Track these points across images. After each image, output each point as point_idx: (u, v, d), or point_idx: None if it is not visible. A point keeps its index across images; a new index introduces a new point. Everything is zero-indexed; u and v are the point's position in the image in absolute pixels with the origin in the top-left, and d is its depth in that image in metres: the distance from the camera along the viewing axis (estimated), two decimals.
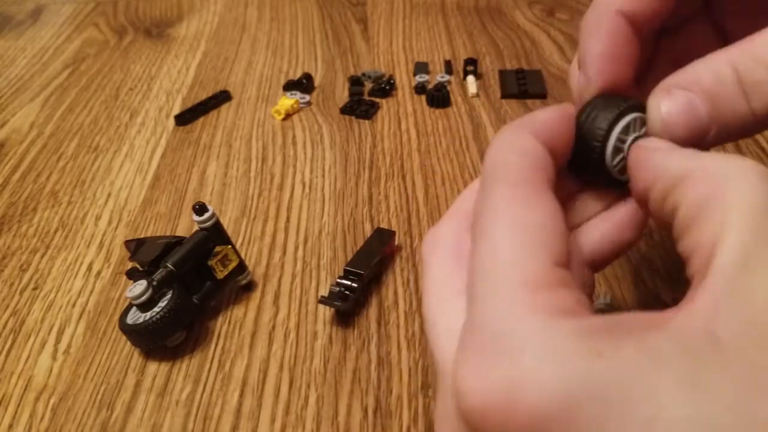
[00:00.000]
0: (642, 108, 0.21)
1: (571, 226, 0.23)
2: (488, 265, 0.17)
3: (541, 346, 0.15)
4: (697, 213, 0.17)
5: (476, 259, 0.18)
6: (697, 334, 0.14)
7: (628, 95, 0.22)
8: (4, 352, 0.35)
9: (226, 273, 0.35)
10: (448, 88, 0.55)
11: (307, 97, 0.55)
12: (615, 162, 0.21)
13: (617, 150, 0.21)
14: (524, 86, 0.54)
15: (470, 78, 0.55)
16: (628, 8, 0.22)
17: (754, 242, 0.15)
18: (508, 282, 0.17)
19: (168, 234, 0.42)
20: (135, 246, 0.37)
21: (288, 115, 0.53)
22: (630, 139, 0.21)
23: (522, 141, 0.20)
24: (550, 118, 0.21)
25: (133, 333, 0.33)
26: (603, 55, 0.22)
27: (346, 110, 0.53)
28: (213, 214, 0.35)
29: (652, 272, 0.36)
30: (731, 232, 0.15)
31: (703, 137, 0.20)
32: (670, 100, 0.21)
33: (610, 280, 0.36)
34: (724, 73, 0.20)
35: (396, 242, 0.39)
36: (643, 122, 0.21)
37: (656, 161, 0.19)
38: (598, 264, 0.23)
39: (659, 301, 0.34)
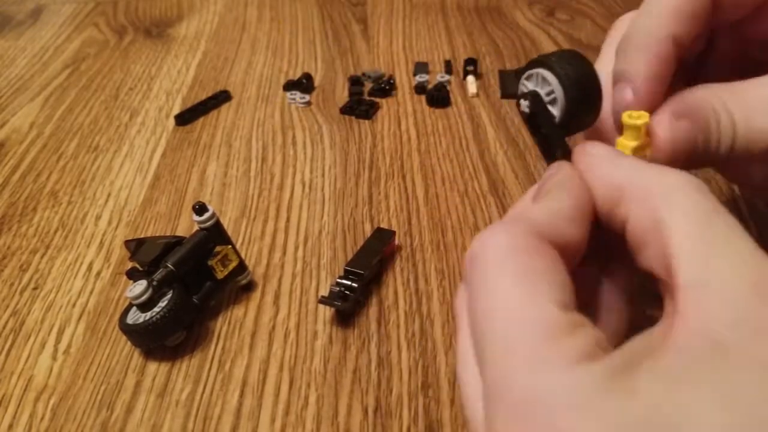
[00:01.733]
0: (548, 66, 0.23)
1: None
2: (497, 320, 0.17)
3: (573, 399, 0.15)
4: (645, 235, 0.18)
5: (481, 314, 0.17)
6: (699, 344, 0.15)
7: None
8: (4, 352, 0.35)
9: (226, 273, 0.35)
10: (448, 88, 0.55)
11: (307, 97, 0.55)
12: (523, 102, 0.24)
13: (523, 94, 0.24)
14: None
15: (470, 78, 0.55)
16: (677, 33, 0.24)
17: (704, 254, 0.16)
18: (522, 336, 0.16)
19: (168, 234, 0.42)
20: (135, 246, 0.37)
21: None
22: (530, 87, 0.24)
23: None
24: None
25: (133, 333, 0.33)
26: (654, 77, 0.24)
27: (346, 110, 0.53)
28: (213, 214, 0.35)
29: None
30: (682, 254, 0.17)
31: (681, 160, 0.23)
32: (674, 126, 0.23)
33: None
34: (717, 111, 0.22)
35: (396, 242, 0.39)
36: (543, 78, 0.23)
37: (602, 170, 0.20)
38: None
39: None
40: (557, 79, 0.22)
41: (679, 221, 0.17)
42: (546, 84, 0.23)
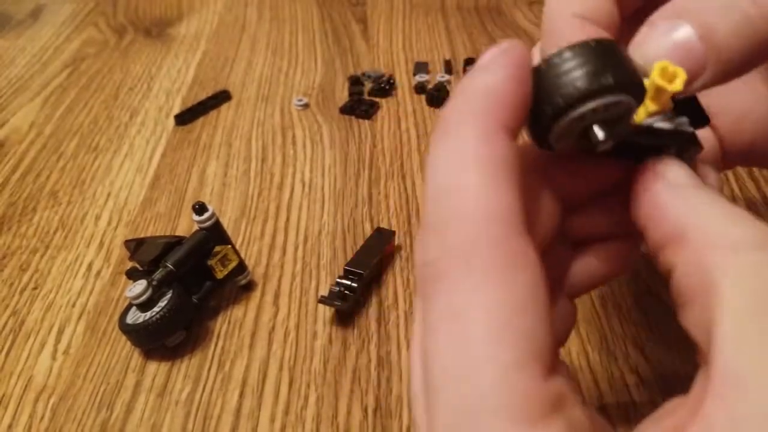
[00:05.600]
0: (630, 89, 0.16)
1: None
2: (458, 377, 0.13)
3: None
4: (691, 294, 0.15)
5: (437, 361, 0.14)
6: None
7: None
8: (4, 352, 0.35)
9: (225, 273, 0.35)
10: (448, 88, 0.55)
11: (304, 100, 0.55)
12: (559, 127, 0.17)
13: (578, 120, 0.16)
14: None
15: None
16: None
17: (755, 344, 0.13)
18: (489, 414, 0.13)
19: (168, 234, 0.42)
20: (135, 246, 0.37)
21: None
22: (599, 120, 0.17)
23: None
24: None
25: (132, 333, 0.33)
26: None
27: (345, 110, 0.53)
28: (213, 214, 0.35)
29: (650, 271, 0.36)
30: (728, 336, 0.14)
31: (696, 77, 0.17)
32: (673, 32, 0.17)
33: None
34: None
35: (396, 242, 0.39)
36: (624, 108, 0.17)
37: (658, 201, 0.17)
38: (575, 294, 0.21)
39: (660, 301, 0.34)
40: (630, 95, 0.17)
41: (733, 293, 0.14)
42: (616, 106, 0.17)
